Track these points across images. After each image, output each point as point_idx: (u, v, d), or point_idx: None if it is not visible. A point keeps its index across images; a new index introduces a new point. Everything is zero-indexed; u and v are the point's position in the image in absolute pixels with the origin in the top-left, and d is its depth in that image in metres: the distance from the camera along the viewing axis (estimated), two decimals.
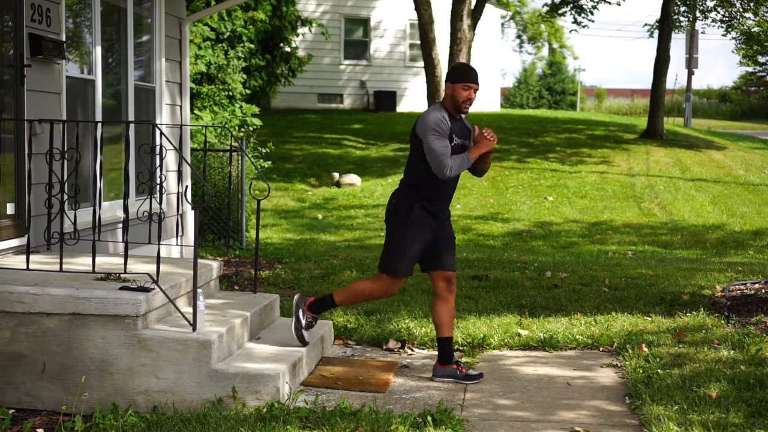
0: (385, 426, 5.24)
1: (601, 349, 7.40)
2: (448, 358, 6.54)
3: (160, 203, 6.19)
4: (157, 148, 6.17)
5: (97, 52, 8.41)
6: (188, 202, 6.78)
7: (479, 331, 7.64)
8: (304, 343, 6.52)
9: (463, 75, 6.38)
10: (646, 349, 6.97)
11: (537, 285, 9.80)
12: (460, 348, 7.33)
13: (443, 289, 6.53)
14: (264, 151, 15.48)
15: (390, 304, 8.65)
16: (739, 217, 18.40)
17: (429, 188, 6.37)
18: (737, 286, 9.50)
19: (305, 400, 5.92)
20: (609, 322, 8.01)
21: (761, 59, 53.20)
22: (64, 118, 7.67)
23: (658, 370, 6.37)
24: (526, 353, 7.31)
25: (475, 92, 6.35)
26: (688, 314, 8.18)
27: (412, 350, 7.33)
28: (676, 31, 31.99)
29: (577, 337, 7.53)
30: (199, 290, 6.00)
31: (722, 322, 7.91)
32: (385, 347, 7.37)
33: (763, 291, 9.16)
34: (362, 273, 10.30)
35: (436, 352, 7.25)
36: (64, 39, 7.72)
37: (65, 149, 6.17)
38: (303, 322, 6.53)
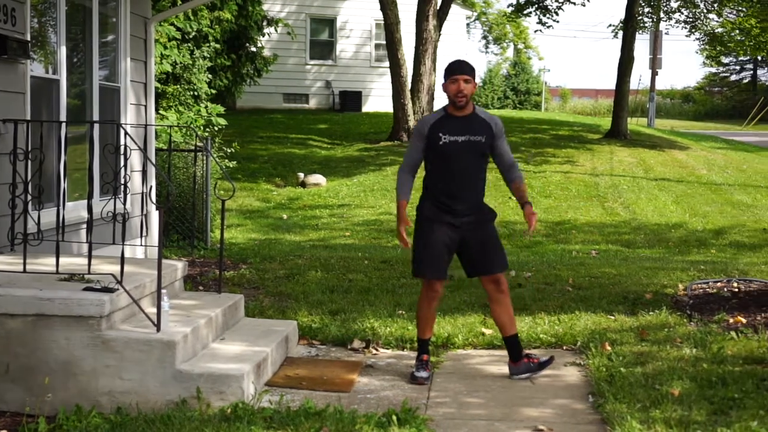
0: (349, 426, 5.25)
1: (564, 347, 7.45)
2: (517, 354, 6.60)
3: (125, 203, 6.18)
4: (122, 148, 6.15)
5: (62, 51, 8.36)
6: (153, 202, 6.78)
7: (444, 330, 7.67)
8: (422, 381, 6.46)
9: (448, 70, 6.46)
10: (609, 348, 7.03)
11: None
12: None
13: (493, 291, 6.57)
14: (229, 151, 15.44)
15: (355, 303, 8.67)
16: (702, 216, 18.58)
17: (435, 182, 6.45)
18: (699, 285, 9.59)
19: (270, 400, 5.92)
20: (572, 321, 8.06)
21: (724, 60, 53.84)
22: (29, 118, 7.62)
23: (621, 369, 6.42)
24: (491, 352, 7.34)
25: (465, 82, 6.35)
26: (650, 313, 8.25)
27: (376, 350, 7.34)
28: (640, 31, 32.26)
29: (541, 336, 7.57)
30: (163, 290, 5.99)
31: (685, 320, 7.99)
32: (349, 347, 7.38)
33: (725, 290, 9.26)
34: (327, 273, 10.31)
35: (401, 352, 7.30)
36: (28, 39, 7.67)
37: (29, 149, 6.14)
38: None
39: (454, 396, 6.17)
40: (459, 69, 6.41)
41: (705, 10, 29.71)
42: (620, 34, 30.13)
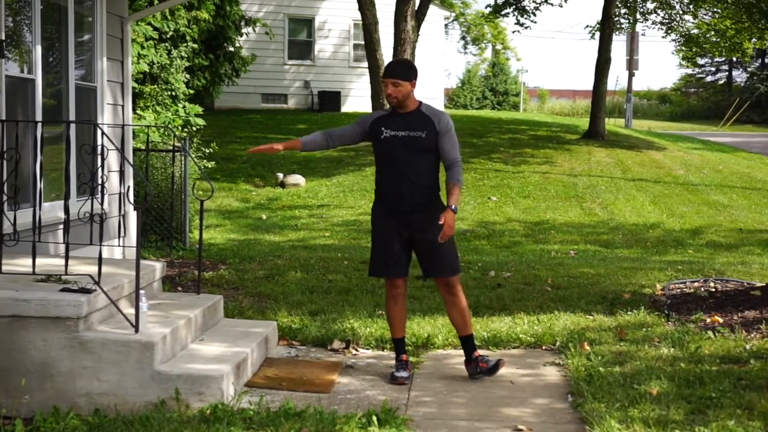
0: (329, 426, 5.24)
1: (544, 347, 7.47)
2: (469, 356, 6.62)
3: (102, 204, 6.13)
4: (99, 148, 6.11)
5: (38, 51, 8.30)
6: (130, 202, 6.75)
7: (423, 330, 7.67)
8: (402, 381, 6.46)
9: (383, 74, 6.54)
10: (588, 348, 7.05)
11: (480, 284, 9.85)
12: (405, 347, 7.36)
13: (445, 294, 6.62)
14: (207, 151, 15.37)
15: (335, 304, 8.65)
16: (679, 216, 18.67)
17: (382, 179, 6.52)
18: (677, 285, 9.64)
19: (249, 401, 5.89)
20: (552, 321, 8.08)
21: (700, 61, 54.13)
22: (4, 117, 7.55)
23: (600, 368, 6.43)
24: None
25: (393, 85, 6.38)
26: (629, 313, 8.28)
27: (356, 350, 7.34)
28: (617, 32, 32.42)
29: (521, 336, 7.59)
30: (141, 291, 5.96)
31: (662, 320, 8.02)
32: (329, 347, 7.37)
33: (702, 289, 9.30)
34: (307, 274, 10.29)
35: (381, 352, 7.31)
36: (3, 38, 7.60)
37: (5, 149, 6.09)
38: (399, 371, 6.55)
39: (434, 396, 6.17)
40: (387, 72, 6.50)
41: (681, 12, 29.86)
42: (597, 35, 30.23)
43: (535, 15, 30.78)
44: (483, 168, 22.74)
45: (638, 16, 31.83)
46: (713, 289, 9.29)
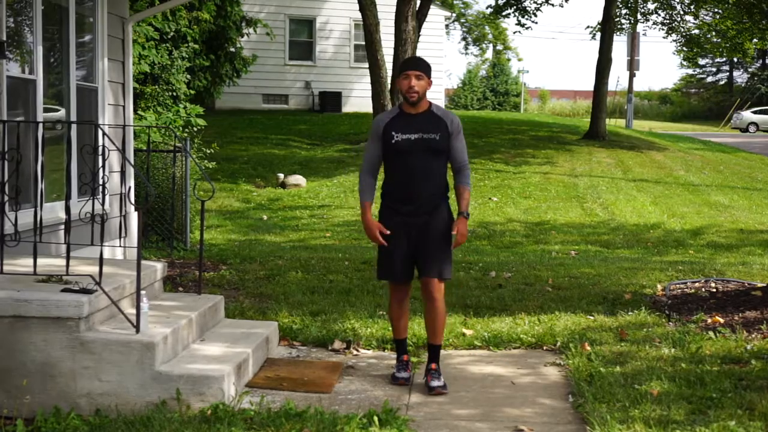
0: (330, 427, 5.24)
1: (544, 348, 7.47)
2: (427, 367, 6.46)
3: (103, 204, 6.14)
4: (100, 148, 6.11)
5: (39, 51, 8.30)
6: (131, 203, 6.75)
7: (425, 331, 7.65)
8: (402, 382, 6.44)
9: (401, 66, 6.41)
10: (588, 348, 7.05)
11: (481, 285, 9.85)
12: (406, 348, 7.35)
13: (425, 297, 6.44)
14: (208, 151, 15.39)
15: (335, 304, 8.66)
16: (680, 216, 18.67)
17: (387, 184, 6.42)
18: (678, 285, 9.64)
19: (250, 401, 5.90)
20: (552, 321, 8.08)
21: (701, 62, 54.17)
22: (5, 118, 7.56)
23: (601, 369, 6.44)
24: (471, 353, 7.34)
25: (417, 78, 6.26)
26: (629, 313, 8.28)
27: (357, 351, 7.34)
28: (618, 33, 32.42)
29: (522, 336, 7.58)
30: (142, 292, 5.96)
31: (663, 320, 8.02)
32: (330, 348, 7.37)
33: (702, 290, 9.30)
34: (307, 274, 10.29)
35: (382, 352, 7.31)
36: (4, 38, 7.61)
37: (6, 150, 6.09)
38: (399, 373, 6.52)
39: (435, 396, 6.17)
40: (412, 65, 6.35)
41: (681, 12, 29.87)
42: (598, 35, 30.28)
43: (536, 15, 30.84)
44: (484, 168, 22.74)
45: (639, 16, 31.85)
46: (714, 290, 9.30)
